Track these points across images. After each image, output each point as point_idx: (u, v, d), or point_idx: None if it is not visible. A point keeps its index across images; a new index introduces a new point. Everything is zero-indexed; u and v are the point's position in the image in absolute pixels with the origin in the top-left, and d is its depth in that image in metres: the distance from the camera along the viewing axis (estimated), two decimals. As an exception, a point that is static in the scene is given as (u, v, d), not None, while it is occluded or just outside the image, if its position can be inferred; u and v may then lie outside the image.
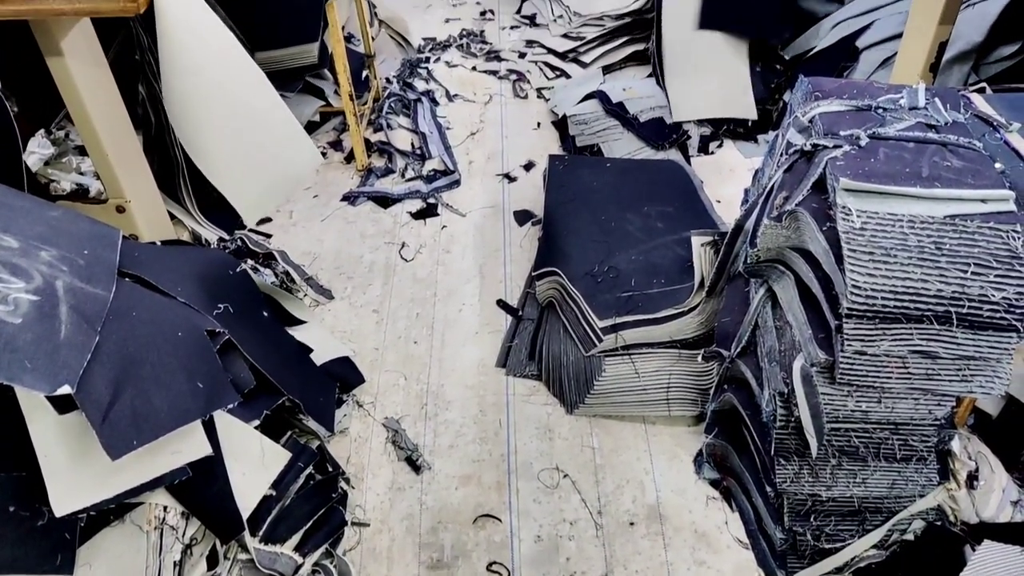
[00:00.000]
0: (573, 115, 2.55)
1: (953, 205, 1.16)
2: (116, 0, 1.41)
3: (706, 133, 2.53)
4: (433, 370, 1.81)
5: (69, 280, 1.04)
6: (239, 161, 1.83)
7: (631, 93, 2.56)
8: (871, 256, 1.12)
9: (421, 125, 2.65)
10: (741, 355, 1.46)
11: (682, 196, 2.04)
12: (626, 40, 2.94)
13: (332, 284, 2.04)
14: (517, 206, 2.31)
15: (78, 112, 1.72)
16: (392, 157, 2.51)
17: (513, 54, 3.12)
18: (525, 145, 2.59)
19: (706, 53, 2.63)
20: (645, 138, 2.43)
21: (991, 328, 1.12)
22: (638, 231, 1.88)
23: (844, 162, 1.23)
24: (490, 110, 2.79)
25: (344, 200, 2.34)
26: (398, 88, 2.85)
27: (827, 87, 1.44)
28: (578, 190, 2.05)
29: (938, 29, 1.79)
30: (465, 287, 2.03)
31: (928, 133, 1.30)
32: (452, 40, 3.22)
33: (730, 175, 2.40)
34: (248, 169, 1.85)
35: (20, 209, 1.20)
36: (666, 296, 1.65)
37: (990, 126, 1.39)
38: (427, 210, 2.30)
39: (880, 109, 1.36)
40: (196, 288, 1.30)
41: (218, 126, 1.74)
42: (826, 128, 1.32)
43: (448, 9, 3.48)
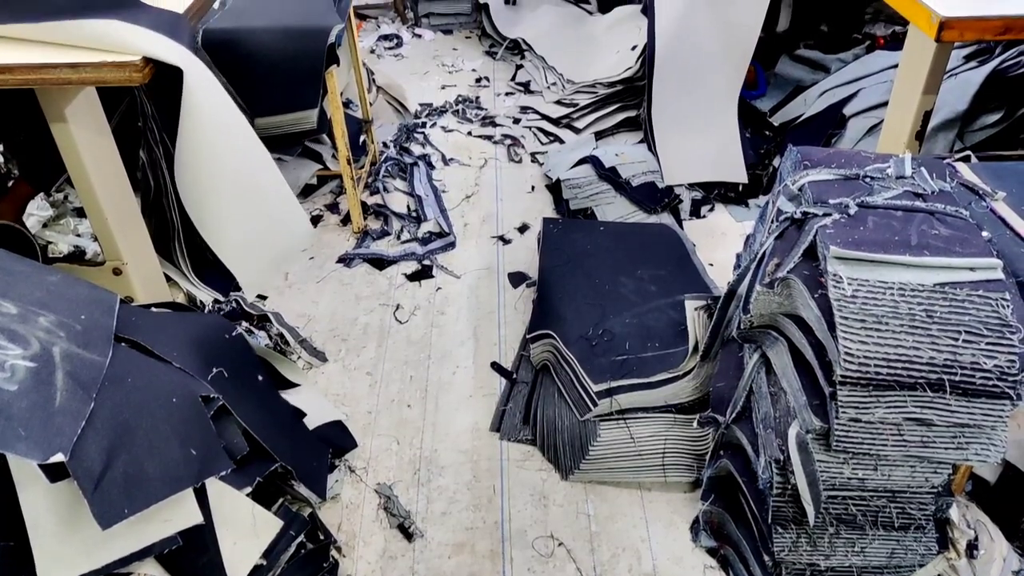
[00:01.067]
0: (567, 179, 2.59)
1: (942, 273, 1.17)
2: (121, 71, 1.44)
3: (698, 197, 2.57)
4: (426, 434, 1.79)
5: (66, 346, 1.04)
6: (243, 236, 1.87)
7: (623, 158, 2.61)
8: (863, 324, 1.13)
9: (417, 188, 2.69)
10: (736, 421, 1.46)
11: (675, 259, 2.06)
12: (618, 107, 3.01)
13: (326, 346, 2.04)
14: (512, 268, 2.33)
15: (79, 177, 1.74)
16: (388, 220, 2.54)
17: (508, 120, 3.18)
18: (520, 208, 2.62)
19: (696, 119, 2.69)
20: (638, 202, 2.46)
21: (984, 395, 1.12)
22: (632, 294, 1.89)
23: (834, 230, 1.25)
24: (485, 174, 2.83)
25: (340, 262, 2.36)
26: (395, 152, 2.89)
27: (816, 156, 1.47)
28: (572, 253, 2.07)
29: (922, 99, 1.83)
30: (459, 349, 2.03)
31: (916, 202, 1.33)
32: (448, 106, 3.29)
33: (722, 238, 2.43)
34: (251, 244, 1.89)
35: (20, 274, 1.20)
36: (661, 360, 1.66)
37: (976, 194, 1.42)
38: (422, 272, 2.32)
39: (868, 178, 1.39)
40: (191, 352, 1.30)
41: (226, 203, 1.78)
42: (816, 196, 1.35)
43: (444, 76, 3.56)
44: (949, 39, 1.58)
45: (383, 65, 3.66)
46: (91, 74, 1.45)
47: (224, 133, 1.73)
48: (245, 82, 2.23)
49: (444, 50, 3.82)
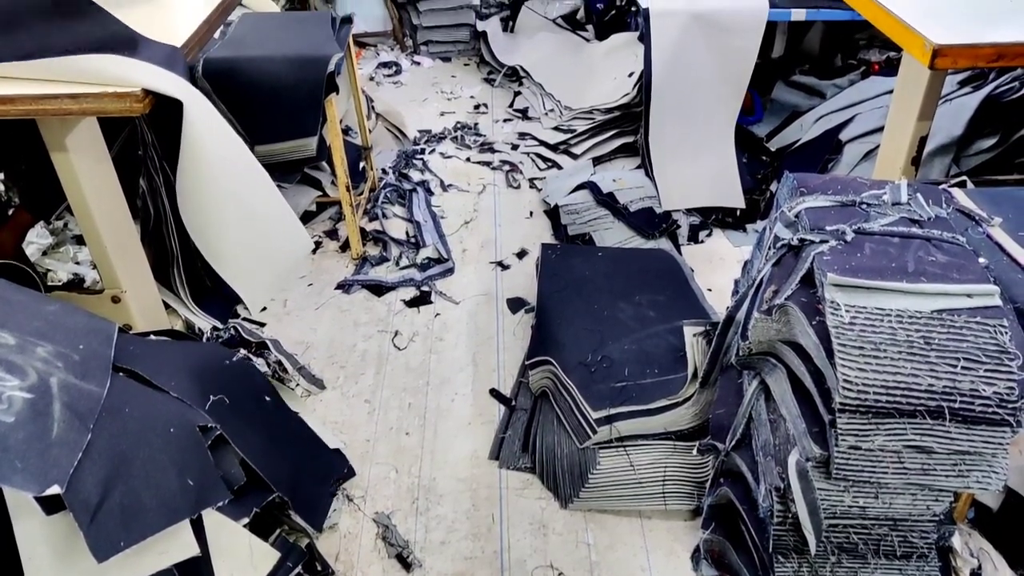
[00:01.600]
0: (565, 205, 2.60)
1: (940, 300, 1.17)
2: (122, 101, 1.45)
3: (695, 222, 2.58)
4: (425, 463, 1.79)
5: (64, 376, 1.04)
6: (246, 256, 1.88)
7: (621, 184, 2.62)
8: (861, 351, 1.13)
9: (416, 214, 2.70)
10: (736, 448, 1.46)
11: (673, 285, 2.06)
12: (615, 133, 3.03)
13: (324, 373, 2.04)
14: (510, 294, 2.33)
15: (79, 205, 1.74)
16: (387, 246, 2.54)
17: (506, 146, 3.20)
18: (518, 234, 2.63)
19: (693, 144, 2.71)
20: (636, 227, 2.47)
21: (984, 423, 1.12)
22: (631, 320, 1.89)
23: (831, 257, 1.25)
24: (483, 199, 2.84)
25: (338, 288, 2.36)
26: (394, 178, 2.91)
27: (812, 183, 1.48)
28: (571, 279, 2.08)
29: (917, 125, 1.84)
30: (458, 376, 2.03)
31: (912, 228, 1.33)
32: (447, 132, 3.31)
33: (720, 263, 2.43)
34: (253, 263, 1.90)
35: (18, 304, 1.20)
36: (660, 386, 1.65)
37: (972, 220, 1.43)
38: (421, 298, 2.32)
39: (864, 204, 1.40)
40: (190, 381, 1.30)
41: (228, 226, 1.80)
42: (812, 223, 1.35)
43: (443, 103, 3.59)
44: (942, 67, 1.59)
45: (382, 92, 3.68)
46: (92, 104, 1.46)
47: (224, 159, 1.74)
48: (245, 110, 2.25)
49: (443, 77, 3.86)
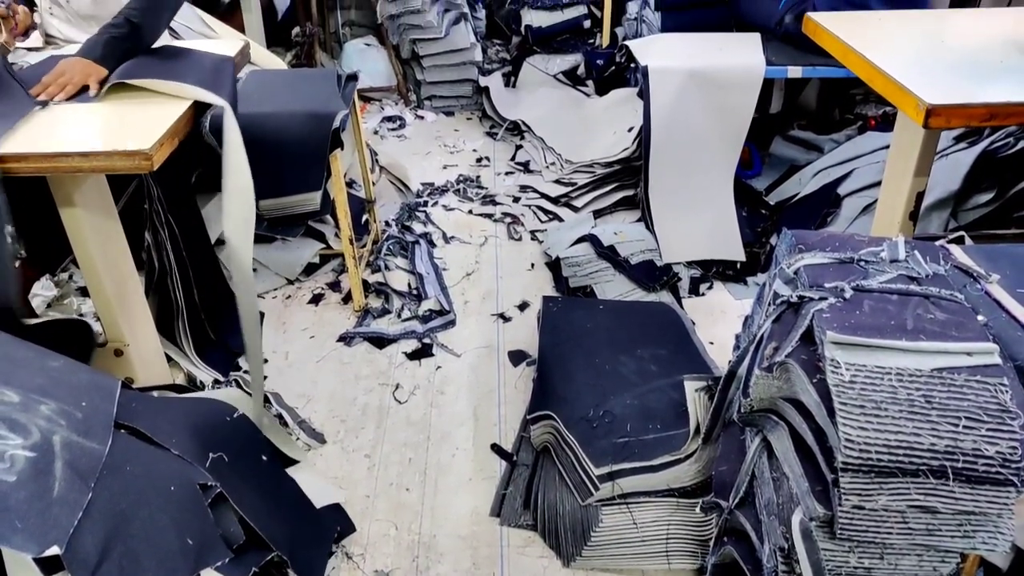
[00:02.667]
0: (566, 257, 2.62)
1: (940, 358, 1.18)
2: (131, 159, 1.48)
3: (696, 275, 2.59)
4: (425, 519, 1.77)
5: (66, 435, 1.04)
6: None
7: (622, 236, 2.65)
8: (862, 409, 1.13)
9: (418, 266, 2.71)
10: (740, 506, 1.44)
11: (675, 338, 2.07)
12: (616, 186, 3.07)
13: (325, 427, 2.03)
14: (512, 346, 2.33)
15: (85, 259, 1.76)
16: (389, 298, 2.56)
17: (508, 198, 3.24)
18: (519, 286, 2.64)
19: (692, 198, 2.74)
20: (637, 280, 2.48)
21: (988, 482, 1.11)
22: (632, 374, 1.89)
23: (830, 314, 1.26)
24: (485, 251, 2.86)
25: (340, 341, 2.36)
26: (397, 231, 2.93)
27: (810, 240, 1.49)
28: (572, 332, 2.08)
29: (914, 181, 1.87)
30: (459, 430, 2.02)
31: (911, 285, 1.34)
32: (449, 185, 3.35)
33: (721, 316, 2.44)
34: None
35: (22, 360, 1.21)
36: (662, 442, 1.65)
37: (970, 277, 1.44)
38: (422, 350, 2.32)
39: (862, 261, 1.41)
40: (191, 438, 1.30)
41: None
42: (811, 280, 1.37)
43: (446, 156, 3.64)
44: (936, 126, 1.62)
45: (386, 145, 3.74)
46: (102, 162, 1.49)
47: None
48: (251, 165, 2.28)
49: (446, 131, 3.92)
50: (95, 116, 1.67)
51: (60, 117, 1.65)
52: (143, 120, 1.62)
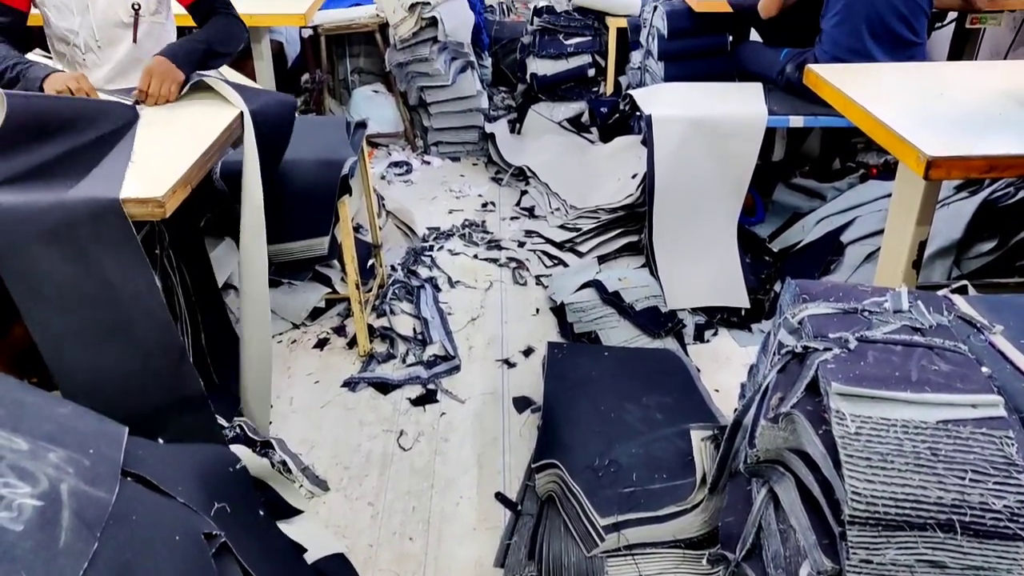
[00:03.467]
0: (571, 303, 2.63)
1: (945, 410, 1.18)
2: (144, 206, 1.50)
3: (701, 322, 2.60)
4: (428, 570, 1.75)
5: (74, 483, 1.05)
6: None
7: (626, 283, 2.66)
8: (868, 462, 1.12)
9: (423, 311, 2.73)
10: (747, 558, 1.43)
11: (680, 386, 2.07)
12: (620, 232, 3.09)
13: (328, 474, 2.02)
14: (516, 392, 2.33)
15: (94, 304, 1.77)
16: (394, 343, 2.57)
17: (513, 243, 3.27)
18: (524, 331, 2.65)
19: (696, 244, 2.76)
20: (641, 326, 2.49)
21: (997, 537, 1.11)
22: (638, 422, 1.89)
23: (835, 365, 1.26)
24: (490, 296, 2.88)
25: (345, 386, 2.37)
26: (402, 275, 2.95)
27: (814, 290, 1.50)
28: (577, 379, 2.09)
29: (916, 230, 1.88)
30: (463, 478, 2.01)
31: (914, 336, 1.35)
32: (455, 229, 3.38)
33: (726, 363, 2.44)
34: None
35: (31, 406, 1.22)
36: (668, 492, 1.64)
37: (974, 328, 1.45)
38: (426, 396, 2.32)
39: (866, 312, 1.42)
40: (196, 486, 1.30)
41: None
42: (815, 330, 1.37)
43: (452, 201, 3.68)
44: (937, 177, 1.65)
45: (393, 190, 3.78)
46: (114, 210, 1.51)
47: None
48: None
49: (452, 176, 3.96)
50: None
51: (75, 165, 1.68)
52: (157, 167, 1.64)
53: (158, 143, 1.80)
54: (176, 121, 1.94)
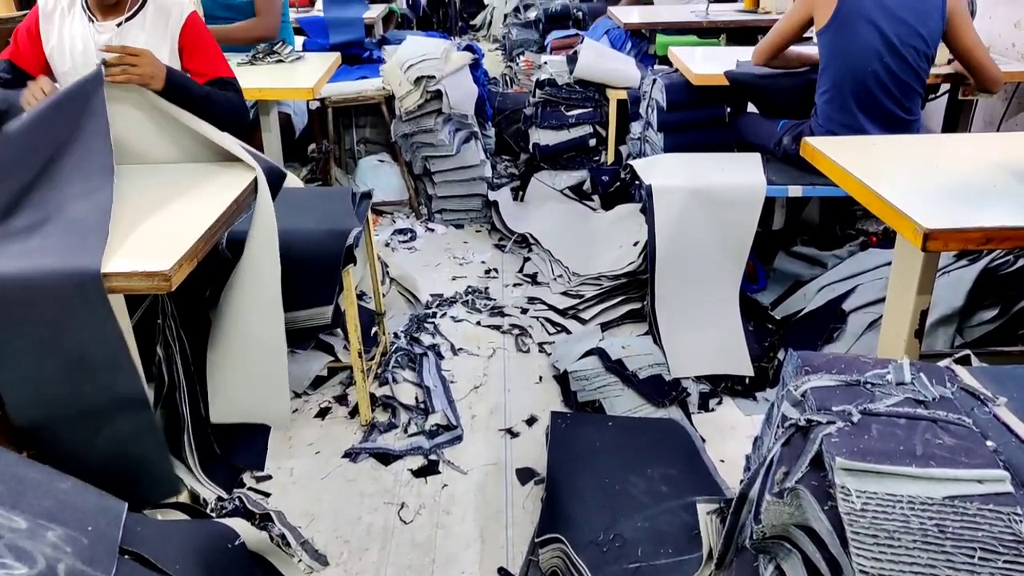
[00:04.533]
0: (574, 371, 2.63)
1: (951, 486, 1.17)
2: (150, 279, 1.52)
3: (705, 390, 2.59)
4: (431, 647, 1.71)
5: (71, 563, 1.03)
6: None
7: (630, 350, 2.66)
8: (875, 539, 1.11)
9: (426, 379, 2.72)
10: (754, 638, 1.40)
11: (685, 457, 2.05)
12: (622, 299, 3.11)
13: (328, 548, 1.99)
14: (520, 463, 2.31)
15: (98, 376, 1.78)
16: (396, 411, 2.55)
17: (516, 310, 3.28)
18: (527, 399, 2.64)
19: (699, 312, 2.77)
20: (645, 395, 2.48)
21: (1009, 618, 1.08)
22: (643, 495, 1.87)
23: (839, 439, 1.25)
24: (493, 364, 2.87)
25: (346, 456, 2.35)
26: (405, 343, 2.96)
27: (816, 362, 1.50)
28: (581, 450, 2.07)
29: (917, 299, 1.89)
30: (465, 553, 1.98)
31: (918, 409, 1.34)
32: (458, 296, 3.40)
33: (731, 432, 2.42)
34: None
35: (31, 481, 1.21)
36: (674, 568, 1.61)
37: (977, 400, 1.44)
38: (428, 467, 2.30)
39: (869, 384, 1.42)
40: (193, 563, 1.28)
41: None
42: (818, 403, 1.37)
43: (455, 268, 3.71)
44: (934, 249, 1.66)
45: (397, 257, 3.82)
46: (121, 283, 1.53)
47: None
48: (265, 280, 2.34)
49: (455, 243, 4.00)
50: (114, 234, 1.72)
51: (84, 238, 1.71)
52: (162, 239, 1.67)
53: (166, 210, 1.83)
54: (185, 187, 1.97)
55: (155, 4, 2.39)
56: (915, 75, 2.67)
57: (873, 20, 2.64)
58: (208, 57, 2.46)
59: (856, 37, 2.66)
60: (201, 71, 2.43)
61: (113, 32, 2.32)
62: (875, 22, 2.64)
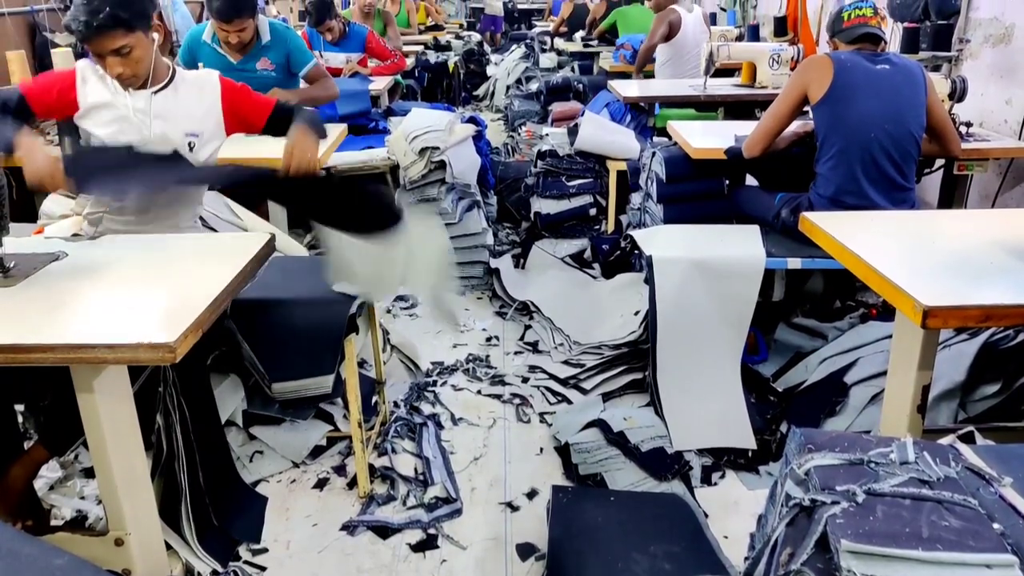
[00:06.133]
0: (575, 443, 2.61)
1: (958, 570, 1.15)
2: (155, 351, 1.53)
3: (707, 463, 2.56)
4: None
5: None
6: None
7: (631, 422, 2.65)
8: (884, 627, 1.09)
9: (425, 450, 2.70)
10: None
11: (688, 534, 2.02)
12: (624, 369, 3.10)
13: (325, 625, 1.95)
14: (520, 538, 2.27)
15: (97, 445, 1.77)
16: (395, 483, 2.52)
17: (517, 378, 3.27)
18: (528, 472, 2.61)
19: (700, 384, 2.76)
20: (648, 468, 2.46)
21: None
22: (646, 573, 1.83)
23: (844, 520, 1.24)
24: (494, 434, 2.85)
25: (343, 529, 2.31)
26: (405, 412, 2.94)
27: (819, 439, 1.49)
28: (583, 526, 2.04)
29: (919, 375, 1.89)
30: (465, 632, 1.93)
31: (922, 489, 1.33)
32: (459, 364, 3.39)
33: (735, 508, 2.38)
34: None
35: (27, 558, 1.20)
36: (677, 651, 1.57)
37: (983, 479, 1.43)
38: (427, 542, 2.26)
39: (872, 463, 1.41)
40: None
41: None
42: (822, 482, 1.36)
43: (456, 335, 3.71)
44: (934, 326, 1.67)
45: (398, 324, 3.83)
46: (127, 354, 1.54)
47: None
48: (267, 348, 2.35)
49: (457, 310, 4.01)
50: (120, 303, 1.74)
51: (85, 305, 1.73)
52: (168, 310, 1.68)
53: (172, 278, 1.85)
54: (193, 255, 2.00)
55: (182, 77, 2.46)
56: (913, 141, 2.76)
57: (870, 91, 2.74)
58: (253, 104, 2.55)
59: (855, 106, 2.75)
60: (256, 118, 2.54)
61: (149, 100, 2.38)
62: (871, 93, 2.74)
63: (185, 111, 2.42)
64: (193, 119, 2.44)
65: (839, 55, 2.85)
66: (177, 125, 2.41)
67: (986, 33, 3.67)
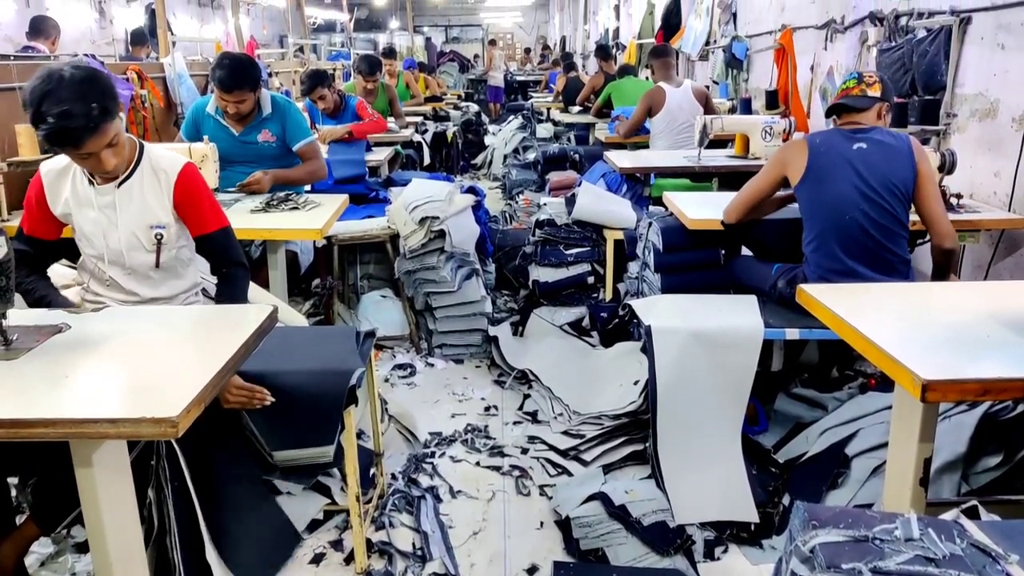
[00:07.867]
0: (576, 517, 2.57)
1: (970, 654, 1.13)
2: (157, 426, 1.52)
3: (710, 537, 2.53)
4: None
5: None
6: None
7: (633, 495, 2.62)
8: None
9: (423, 524, 2.66)
10: None
11: (691, 612, 1.98)
12: (624, 440, 3.08)
13: None
14: (521, 616, 2.23)
15: (93, 520, 1.74)
16: (392, 559, 2.48)
17: (516, 449, 3.24)
18: (528, 546, 2.57)
19: (701, 455, 2.74)
20: (650, 543, 2.42)
21: None
22: (648, 653, 1.79)
23: (852, 601, 1.23)
24: (493, 508, 2.82)
25: (341, 608, 2.27)
26: (403, 484, 2.91)
27: (823, 516, 1.49)
28: (584, 603, 2.00)
29: (920, 447, 1.89)
30: None
31: (928, 568, 1.32)
32: (457, 435, 3.37)
33: (739, 585, 2.35)
34: None
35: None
36: None
37: (989, 556, 1.41)
38: (426, 621, 2.22)
39: (877, 540, 1.40)
40: None
41: None
42: (827, 560, 1.35)
43: (455, 404, 3.69)
44: (933, 400, 1.68)
45: (396, 393, 3.81)
46: (128, 429, 1.53)
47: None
48: (268, 419, 2.34)
49: (455, 378, 4.00)
50: (123, 377, 1.74)
51: (87, 379, 1.73)
52: (171, 383, 1.68)
53: (173, 352, 1.85)
54: (195, 327, 2.01)
55: (150, 162, 2.41)
56: (893, 219, 2.77)
57: (845, 171, 2.78)
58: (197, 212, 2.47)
59: (831, 188, 2.79)
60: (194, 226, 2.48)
61: (114, 193, 2.36)
62: (847, 173, 2.78)
63: (146, 203, 2.39)
64: (154, 212, 2.40)
65: (815, 137, 2.92)
66: (143, 218, 2.39)
67: (972, 108, 3.77)
